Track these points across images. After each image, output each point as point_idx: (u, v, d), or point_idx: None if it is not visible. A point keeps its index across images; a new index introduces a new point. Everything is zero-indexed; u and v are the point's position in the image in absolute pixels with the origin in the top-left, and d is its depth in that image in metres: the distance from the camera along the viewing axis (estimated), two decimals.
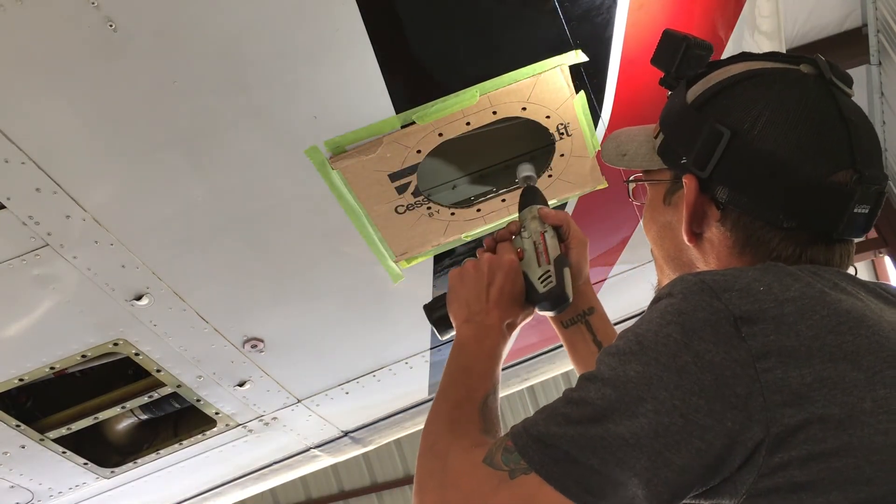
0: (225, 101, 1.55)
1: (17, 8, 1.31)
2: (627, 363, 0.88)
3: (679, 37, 1.11)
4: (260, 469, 2.97)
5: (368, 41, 1.51)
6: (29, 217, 1.63)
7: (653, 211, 1.16)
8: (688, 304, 0.87)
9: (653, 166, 1.14)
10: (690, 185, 1.03)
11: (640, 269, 2.44)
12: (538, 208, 1.44)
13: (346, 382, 2.54)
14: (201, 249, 1.85)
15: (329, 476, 10.35)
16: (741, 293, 0.86)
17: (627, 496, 0.84)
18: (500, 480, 0.92)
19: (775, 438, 0.80)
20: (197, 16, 1.41)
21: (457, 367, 1.22)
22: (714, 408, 0.81)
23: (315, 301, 2.13)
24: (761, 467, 0.81)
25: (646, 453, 0.83)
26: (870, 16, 5.34)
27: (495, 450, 0.96)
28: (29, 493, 2.50)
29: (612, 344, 0.94)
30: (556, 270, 1.32)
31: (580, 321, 1.41)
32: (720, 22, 1.75)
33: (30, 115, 1.48)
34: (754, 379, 0.81)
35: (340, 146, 1.68)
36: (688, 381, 0.83)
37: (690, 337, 0.84)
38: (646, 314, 0.93)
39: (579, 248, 1.41)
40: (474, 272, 1.33)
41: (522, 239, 1.40)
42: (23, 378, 2.03)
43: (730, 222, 1.01)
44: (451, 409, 1.13)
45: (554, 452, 0.88)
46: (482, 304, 1.29)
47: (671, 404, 0.83)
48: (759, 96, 0.99)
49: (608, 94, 1.77)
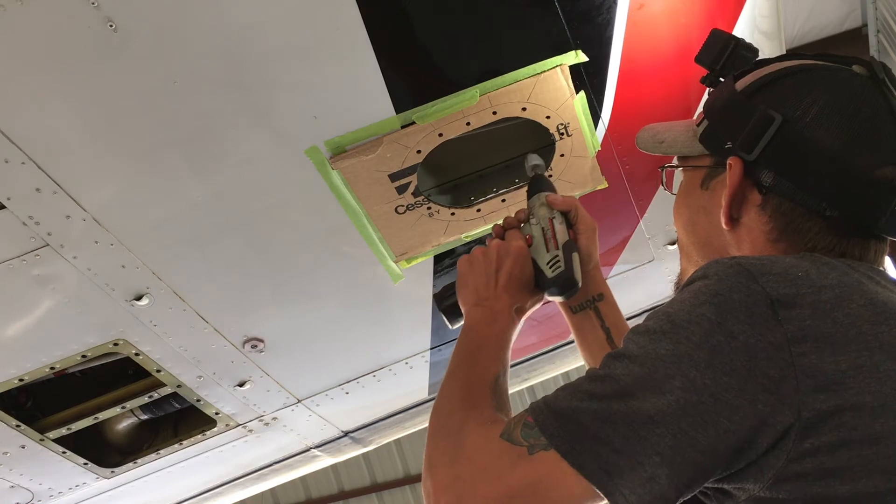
0: (225, 101, 1.55)
1: (18, 8, 1.31)
2: (657, 341, 0.87)
3: (727, 36, 1.13)
4: (260, 469, 2.96)
5: (368, 41, 1.51)
6: (29, 217, 1.63)
7: (687, 196, 1.16)
8: (723, 285, 0.86)
9: (692, 152, 1.15)
10: (735, 168, 1.03)
11: (639, 269, 2.44)
12: (546, 195, 1.43)
13: (346, 382, 2.53)
14: (201, 249, 1.85)
15: (329, 476, 10.35)
16: (779, 277, 0.86)
17: (646, 476, 0.82)
18: (517, 456, 0.90)
19: (806, 423, 0.79)
20: (197, 16, 1.41)
21: (466, 349, 1.21)
22: (745, 388, 0.80)
23: (315, 301, 2.13)
24: (790, 452, 0.80)
25: (671, 431, 0.81)
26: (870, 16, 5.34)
27: (514, 425, 0.94)
28: (29, 493, 2.50)
29: (641, 324, 0.92)
30: (564, 255, 1.31)
31: (589, 307, 1.40)
32: (720, 22, 1.75)
33: (30, 115, 1.48)
34: (788, 363, 0.80)
35: (340, 146, 1.68)
36: (720, 361, 0.82)
37: (725, 317, 0.83)
38: (677, 296, 0.92)
39: (588, 234, 1.40)
40: (483, 258, 1.33)
41: (531, 226, 1.39)
42: (23, 378, 2.03)
43: (770, 208, 1.01)
44: (462, 388, 1.11)
45: (574, 428, 0.86)
46: (491, 290, 1.29)
47: (702, 383, 0.81)
48: (811, 87, 1.00)
49: (608, 94, 1.77)
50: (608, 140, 1.87)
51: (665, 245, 2.35)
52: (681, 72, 1.79)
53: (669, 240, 2.33)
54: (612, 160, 1.93)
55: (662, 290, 2.62)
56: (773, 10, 1.80)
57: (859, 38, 5.49)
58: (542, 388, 9.45)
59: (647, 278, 2.48)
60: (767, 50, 1.88)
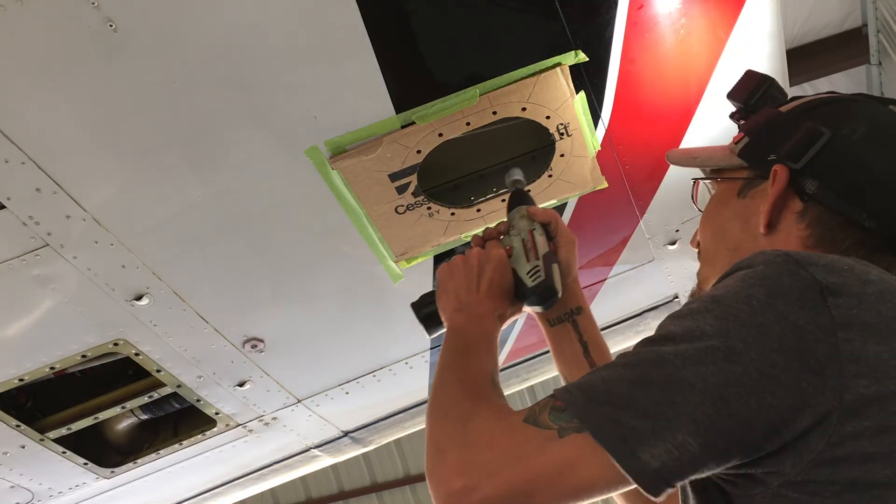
0: (225, 101, 1.55)
1: (18, 8, 1.31)
2: (701, 319, 0.86)
3: (762, 75, 1.20)
4: (260, 469, 2.96)
5: (368, 41, 1.51)
6: (29, 217, 1.63)
7: (720, 205, 1.19)
8: (772, 270, 0.88)
9: (729, 165, 1.18)
10: (781, 174, 1.06)
11: (639, 268, 2.44)
12: (527, 207, 1.45)
13: (346, 382, 2.53)
14: (201, 249, 1.85)
15: (329, 476, 10.34)
16: (826, 268, 0.88)
17: (675, 442, 0.81)
18: (545, 439, 0.89)
19: (848, 407, 0.80)
20: (197, 16, 1.41)
21: (456, 348, 1.20)
22: (791, 367, 0.81)
23: (315, 301, 2.13)
24: (832, 435, 0.80)
25: (710, 399, 0.81)
26: (870, 16, 5.34)
27: (539, 410, 0.93)
28: (29, 493, 2.50)
29: (679, 309, 0.92)
30: (544, 265, 1.32)
31: (567, 320, 1.41)
32: (720, 22, 1.75)
33: (30, 115, 1.48)
34: (834, 347, 0.81)
35: (340, 146, 1.68)
36: (768, 338, 0.82)
37: (775, 299, 0.84)
38: (720, 283, 0.92)
39: (568, 247, 1.42)
40: (463, 265, 1.33)
41: (511, 237, 1.40)
42: (23, 378, 2.03)
43: (810, 215, 1.05)
44: (461, 381, 1.10)
45: (605, 403, 0.85)
46: (473, 295, 1.29)
47: (748, 357, 0.81)
48: (856, 113, 1.07)
49: (608, 94, 1.77)
50: (608, 140, 1.87)
51: (665, 245, 2.35)
52: (681, 72, 1.79)
53: (669, 240, 2.33)
54: (612, 160, 1.93)
55: (662, 290, 2.62)
56: (773, 10, 1.80)
57: (859, 38, 5.50)
58: (542, 388, 9.45)
59: (647, 278, 2.48)
60: (767, 50, 1.88)
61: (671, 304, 2.68)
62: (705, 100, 1.85)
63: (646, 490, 0.83)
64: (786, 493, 0.83)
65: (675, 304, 2.67)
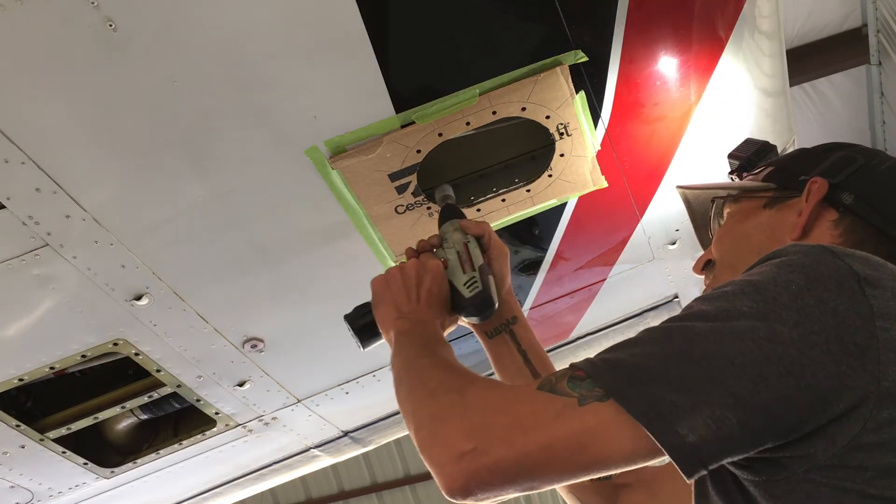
0: (225, 101, 1.55)
1: (18, 7, 1.31)
2: (737, 300, 0.86)
3: (762, 142, 1.33)
4: (260, 469, 2.96)
5: (368, 41, 1.51)
6: (29, 217, 1.63)
7: (742, 219, 1.23)
8: (810, 259, 0.88)
9: (755, 187, 1.24)
10: (821, 186, 1.13)
11: (639, 268, 2.43)
12: (459, 221, 1.47)
13: (346, 382, 2.53)
14: (201, 249, 1.85)
15: (329, 476, 10.34)
16: (862, 260, 0.89)
17: (713, 416, 0.80)
18: (564, 406, 0.86)
19: (885, 392, 0.80)
20: (197, 16, 1.41)
21: (413, 345, 1.18)
22: (831, 349, 0.81)
23: (315, 301, 2.13)
24: (868, 421, 0.80)
25: (750, 375, 0.80)
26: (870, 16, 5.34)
27: (557, 379, 0.90)
28: (29, 493, 2.50)
29: (709, 293, 0.91)
30: (481, 276, 1.32)
31: (504, 330, 1.41)
32: (720, 22, 1.75)
33: (30, 115, 1.48)
34: (872, 334, 0.82)
35: (340, 146, 1.68)
36: (808, 321, 0.82)
37: (814, 285, 0.84)
38: (754, 269, 0.91)
39: (501, 258, 1.43)
40: (401, 276, 1.33)
41: (445, 250, 1.41)
42: (23, 378, 2.03)
43: (844, 224, 1.11)
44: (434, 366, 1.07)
45: (636, 375, 0.83)
46: (413, 304, 1.28)
47: (788, 337, 0.81)
48: (878, 153, 1.17)
49: (608, 94, 1.76)
50: (608, 140, 1.87)
51: (665, 245, 2.35)
52: (681, 71, 1.79)
53: (669, 240, 2.33)
54: (612, 160, 1.93)
55: (662, 290, 2.62)
56: (773, 10, 1.80)
57: (859, 38, 5.49)
58: None
59: (647, 278, 2.48)
60: (767, 50, 1.88)
61: (671, 304, 2.68)
62: (705, 99, 1.85)
63: (681, 467, 0.82)
64: (813, 478, 0.82)
65: (675, 304, 2.67)
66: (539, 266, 2.26)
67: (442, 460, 0.90)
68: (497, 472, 0.86)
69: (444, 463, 0.89)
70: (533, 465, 0.86)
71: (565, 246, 2.19)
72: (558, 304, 2.46)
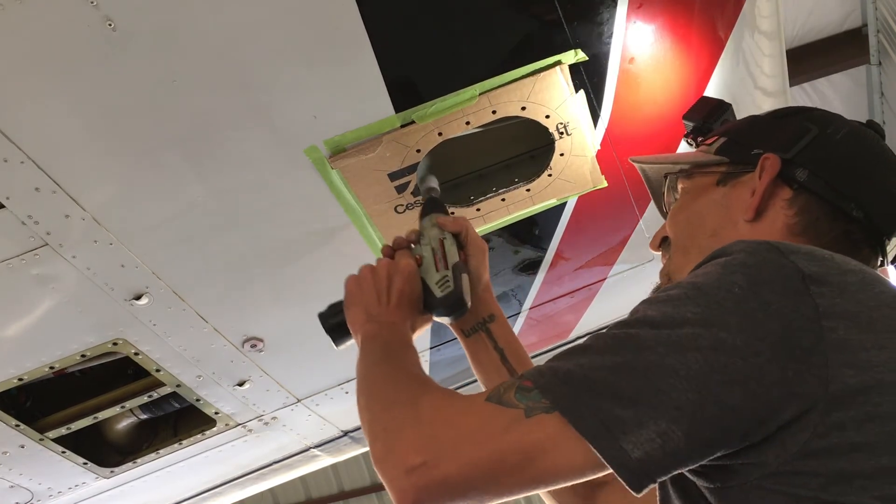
0: (225, 101, 1.54)
1: (17, 7, 1.31)
2: (682, 305, 0.84)
3: (717, 101, 1.28)
4: (260, 469, 2.96)
5: (368, 41, 1.51)
6: (28, 216, 1.63)
7: (695, 196, 1.18)
8: (754, 258, 0.86)
9: (707, 161, 1.20)
10: (773, 162, 1.08)
11: (639, 268, 2.43)
12: (437, 216, 1.44)
13: (346, 382, 2.53)
14: (200, 249, 1.85)
15: (329, 476, 10.34)
16: (807, 256, 0.87)
17: (658, 430, 0.78)
18: (511, 419, 0.84)
19: (833, 397, 0.78)
20: (197, 16, 1.41)
21: (376, 351, 1.17)
22: (776, 355, 0.79)
23: (315, 301, 2.10)
24: (818, 426, 0.78)
25: (695, 387, 0.78)
26: (870, 16, 5.33)
27: (504, 389, 0.88)
28: (28, 492, 2.50)
29: (655, 295, 0.90)
30: (454, 275, 1.30)
31: (481, 328, 1.40)
32: (720, 22, 1.75)
33: (29, 115, 1.48)
34: (819, 336, 0.80)
35: (340, 145, 1.68)
36: (752, 326, 0.80)
37: (758, 287, 0.82)
38: (698, 270, 0.90)
39: (479, 256, 1.41)
40: (372, 276, 1.31)
41: (421, 246, 1.39)
42: (22, 378, 2.03)
43: (799, 203, 1.07)
44: (393, 375, 1.06)
45: (582, 386, 0.82)
46: (383, 307, 1.26)
47: (732, 344, 0.79)
48: (834, 119, 1.12)
49: (608, 94, 1.76)
50: (608, 140, 1.87)
51: None
52: (681, 71, 1.79)
53: None
54: (612, 160, 1.93)
55: None
56: (773, 10, 1.80)
57: (859, 38, 5.49)
58: None
59: (646, 278, 2.48)
60: (767, 50, 1.88)
61: None
62: None
63: (628, 484, 0.80)
64: (765, 485, 0.81)
65: None
66: (539, 266, 2.26)
67: (393, 474, 0.89)
68: (446, 487, 0.86)
69: (395, 477, 0.89)
70: (482, 478, 0.85)
71: (565, 245, 2.19)
72: (558, 303, 2.46)
